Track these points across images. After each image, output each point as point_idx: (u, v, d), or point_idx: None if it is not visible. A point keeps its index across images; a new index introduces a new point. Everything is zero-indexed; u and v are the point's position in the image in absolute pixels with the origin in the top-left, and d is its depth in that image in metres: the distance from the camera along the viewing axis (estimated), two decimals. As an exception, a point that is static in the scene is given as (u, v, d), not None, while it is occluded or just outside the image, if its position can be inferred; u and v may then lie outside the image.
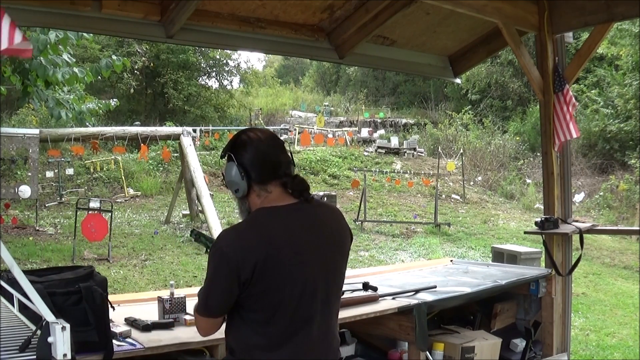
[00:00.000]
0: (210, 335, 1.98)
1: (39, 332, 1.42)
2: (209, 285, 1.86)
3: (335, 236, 1.96)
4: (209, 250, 1.97)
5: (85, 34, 6.66)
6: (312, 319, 1.86)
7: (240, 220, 1.93)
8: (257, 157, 1.86)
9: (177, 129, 11.70)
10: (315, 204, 1.95)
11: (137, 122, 16.60)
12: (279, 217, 1.84)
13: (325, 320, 1.91)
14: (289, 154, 1.95)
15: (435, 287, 3.33)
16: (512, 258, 5.47)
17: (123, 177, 13.56)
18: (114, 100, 9.96)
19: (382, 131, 21.62)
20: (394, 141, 18.71)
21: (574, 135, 3.85)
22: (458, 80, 4.89)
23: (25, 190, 9.86)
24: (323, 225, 1.93)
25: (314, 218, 1.91)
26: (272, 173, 1.87)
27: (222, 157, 1.95)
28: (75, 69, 6.48)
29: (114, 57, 6.84)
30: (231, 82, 24.78)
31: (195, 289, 3.59)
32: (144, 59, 18.61)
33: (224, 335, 1.94)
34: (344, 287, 3.06)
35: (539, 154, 14.17)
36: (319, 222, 1.92)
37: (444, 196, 14.47)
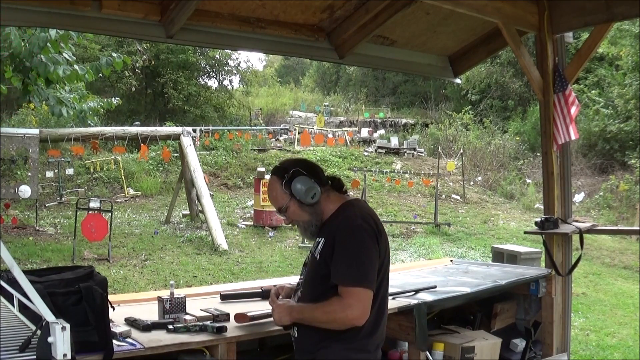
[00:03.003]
0: (367, 317, 2.08)
1: (39, 332, 1.42)
2: (366, 258, 2.07)
3: None
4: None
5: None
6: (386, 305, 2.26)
7: (306, 239, 2.39)
8: (312, 166, 2.28)
9: (177, 129, 11.71)
10: None
11: (137, 122, 16.61)
12: (364, 204, 2.28)
13: (386, 305, 2.27)
14: None
15: (435, 287, 3.33)
16: (512, 258, 5.46)
17: (123, 177, 13.57)
18: (116, 98, 9.96)
19: (382, 131, 21.63)
20: (394, 141, 18.72)
21: (572, 137, 3.85)
22: (458, 80, 4.89)
23: (25, 190, 9.86)
24: None
25: None
26: (324, 178, 2.28)
27: (286, 181, 2.21)
28: (76, 66, 6.48)
29: (114, 54, 6.84)
30: (231, 82, 24.82)
31: (196, 289, 3.59)
32: (144, 57, 18.60)
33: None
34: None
35: (539, 154, 14.17)
36: None
37: (444, 196, 14.47)
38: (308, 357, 2.19)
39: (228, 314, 2.58)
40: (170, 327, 2.36)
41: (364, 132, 20.66)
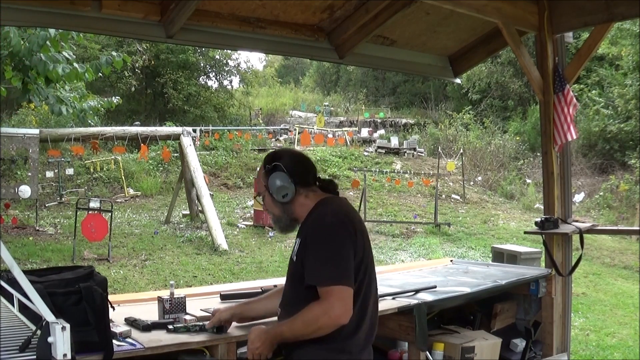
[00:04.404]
0: (350, 315, 1.99)
1: (39, 332, 1.42)
2: (342, 256, 2.00)
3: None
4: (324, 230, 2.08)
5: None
6: (372, 297, 2.18)
7: (275, 231, 2.20)
8: (300, 164, 2.20)
9: (177, 129, 11.71)
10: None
11: (137, 122, 16.61)
12: (342, 202, 2.20)
13: (374, 303, 2.20)
14: None
15: (435, 287, 3.33)
16: (512, 258, 5.45)
17: (123, 177, 13.57)
18: (116, 97, 9.96)
19: (382, 131, 21.62)
20: (394, 141, 18.72)
21: (570, 138, 3.85)
22: (458, 80, 4.89)
23: (25, 190, 9.86)
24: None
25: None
26: (313, 177, 2.21)
27: (266, 171, 2.17)
28: (75, 65, 6.47)
29: (113, 53, 6.84)
30: (231, 82, 24.82)
31: (196, 289, 3.58)
32: (144, 57, 18.61)
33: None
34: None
35: (539, 154, 14.17)
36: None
37: (444, 196, 14.47)
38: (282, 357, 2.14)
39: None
40: (170, 327, 2.35)
41: (364, 132, 20.66)
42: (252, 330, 2.14)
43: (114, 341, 2.05)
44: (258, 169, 2.36)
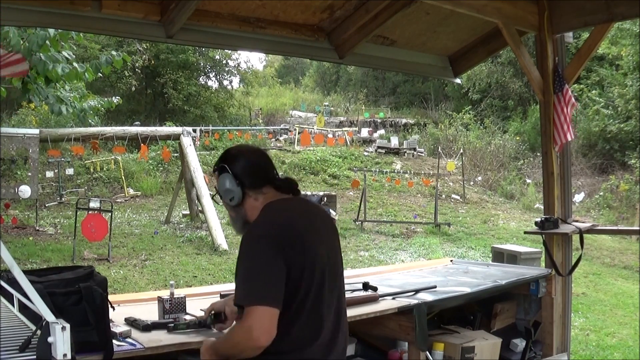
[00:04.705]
0: (273, 337, 1.81)
1: (39, 332, 1.42)
2: (264, 272, 1.82)
3: (331, 225, 2.16)
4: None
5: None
6: (329, 308, 1.99)
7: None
8: (249, 165, 2.04)
9: (177, 129, 11.71)
10: (306, 198, 2.22)
11: (137, 122, 16.61)
12: (288, 206, 2.03)
13: (339, 306, 2.04)
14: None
15: (435, 287, 3.33)
16: (512, 258, 5.46)
17: (123, 177, 13.57)
18: (116, 97, 9.96)
19: (382, 131, 21.62)
20: (394, 141, 18.72)
21: (570, 138, 3.85)
22: (458, 80, 4.89)
23: (25, 190, 9.86)
24: (320, 214, 2.14)
25: (312, 208, 2.13)
26: (264, 178, 2.05)
27: (214, 171, 2.09)
28: (75, 64, 6.46)
29: (113, 52, 6.83)
30: (231, 82, 24.82)
31: (196, 289, 3.57)
32: (144, 57, 18.61)
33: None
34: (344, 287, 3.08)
35: (539, 154, 14.17)
36: (316, 211, 2.13)
37: (444, 196, 14.47)
38: None
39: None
40: (170, 327, 2.35)
41: (364, 132, 20.66)
42: (203, 342, 2.07)
43: (114, 341, 2.06)
44: None
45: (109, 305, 2.04)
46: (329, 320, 1.97)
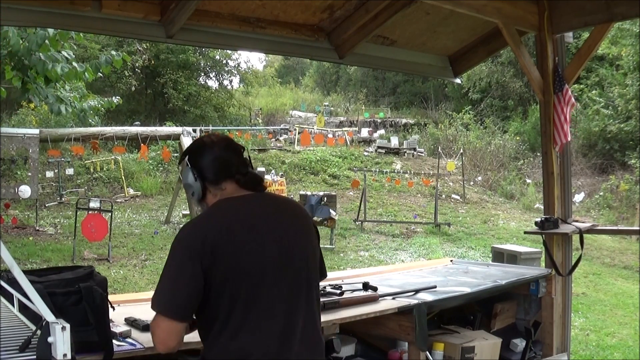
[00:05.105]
0: (171, 348, 1.82)
1: (39, 332, 1.42)
2: (173, 280, 1.78)
3: (302, 223, 1.98)
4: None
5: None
6: (290, 314, 1.84)
7: None
8: (209, 159, 1.94)
9: (177, 129, 11.71)
10: (272, 195, 2.11)
11: (137, 122, 16.61)
12: (234, 205, 1.90)
13: (294, 312, 1.85)
14: (246, 158, 2.01)
15: (435, 287, 3.33)
16: (512, 258, 5.46)
17: (123, 177, 13.57)
18: (116, 97, 9.96)
19: (382, 131, 21.63)
20: (394, 141, 18.72)
21: (569, 139, 3.85)
22: (458, 80, 4.89)
23: (25, 190, 9.86)
24: (282, 212, 1.96)
25: (271, 205, 1.97)
26: (225, 172, 1.93)
27: (179, 163, 2.03)
28: (75, 64, 6.46)
29: (113, 52, 6.83)
30: (231, 82, 24.82)
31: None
32: (144, 57, 18.61)
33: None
34: (344, 287, 3.08)
35: (539, 154, 14.17)
36: (276, 209, 1.96)
37: (444, 196, 14.47)
38: None
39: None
40: None
41: (364, 132, 20.66)
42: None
43: (114, 341, 2.06)
44: None
45: (109, 305, 2.04)
46: (278, 328, 1.81)
